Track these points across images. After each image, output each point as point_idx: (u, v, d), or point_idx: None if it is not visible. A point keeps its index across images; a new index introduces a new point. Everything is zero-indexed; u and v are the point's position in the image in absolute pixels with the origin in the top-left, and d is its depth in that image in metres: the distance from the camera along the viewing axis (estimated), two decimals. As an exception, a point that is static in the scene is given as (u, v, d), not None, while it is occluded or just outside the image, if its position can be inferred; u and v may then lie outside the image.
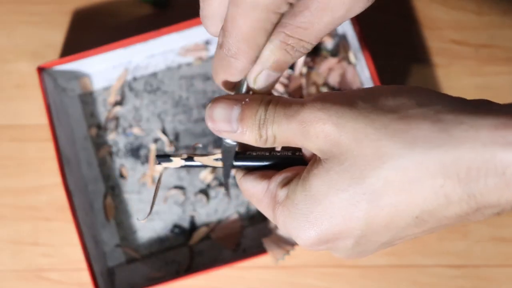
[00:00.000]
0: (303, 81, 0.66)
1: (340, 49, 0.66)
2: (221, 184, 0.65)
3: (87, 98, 0.66)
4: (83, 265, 0.62)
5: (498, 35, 0.67)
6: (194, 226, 0.65)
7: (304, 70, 0.66)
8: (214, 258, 0.64)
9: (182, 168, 0.37)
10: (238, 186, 0.37)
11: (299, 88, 0.66)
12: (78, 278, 0.64)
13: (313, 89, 0.66)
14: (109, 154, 0.66)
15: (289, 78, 0.66)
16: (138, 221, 0.64)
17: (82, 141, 0.66)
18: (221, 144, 0.36)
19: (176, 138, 0.66)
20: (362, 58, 0.62)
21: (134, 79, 0.67)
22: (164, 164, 0.37)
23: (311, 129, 0.32)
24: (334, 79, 0.66)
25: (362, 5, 0.32)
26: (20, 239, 0.65)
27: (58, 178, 0.62)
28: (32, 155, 0.66)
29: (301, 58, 0.65)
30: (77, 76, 0.66)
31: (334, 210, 0.31)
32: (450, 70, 0.67)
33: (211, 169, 0.64)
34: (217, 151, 0.37)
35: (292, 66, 0.66)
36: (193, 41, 0.66)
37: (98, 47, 0.62)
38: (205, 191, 0.65)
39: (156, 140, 0.66)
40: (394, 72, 0.66)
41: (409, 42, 0.67)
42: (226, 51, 0.33)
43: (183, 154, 0.37)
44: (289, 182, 0.34)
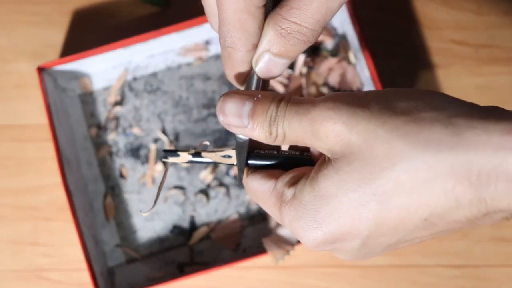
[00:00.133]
0: (303, 81, 0.66)
1: (340, 49, 0.66)
2: (221, 184, 0.65)
3: (87, 98, 0.66)
4: (83, 265, 0.62)
5: (498, 35, 0.67)
6: (194, 226, 0.65)
7: (304, 70, 0.66)
8: (214, 258, 0.64)
9: (189, 163, 0.37)
10: (243, 184, 0.37)
11: (299, 88, 0.66)
12: (78, 278, 0.64)
13: (313, 89, 0.66)
14: (109, 154, 0.66)
15: (289, 78, 0.66)
16: (142, 213, 0.64)
17: (82, 141, 0.66)
18: (221, 143, 0.36)
19: (176, 138, 0.66)
20: (362, 58, 0.62)
21: (134, 79, 0.67)
22: (171, 159, 0.37)
23: (321, 128, 0.31)
24: (334, 79, 0.66)
25: None
26: (20, 239, 0.65)
27: (58, 178, 0.62)
28: (32, 155, 0.66)
29: (301, 58, 0.65)
30: (77, 76, 0.66)
31: (343, 210, 0.31)
32: (450, 70, 0.67)
33: (211, 169, 0.64)
34: (224, 148, 0.37)
35: (292, 66, 0.66)
36: (193, 41, 0.66)
37: (98, 47, 0.62)
38: (205, 191, 0.65)
39: (156, 140, 0.66)
40: (394, 72, 0.66)
41: (409, 42, 0.67)
42: (223, 42, 0.33)
43: (191, 150, 0.37)
44: (296, 182, 0.33)
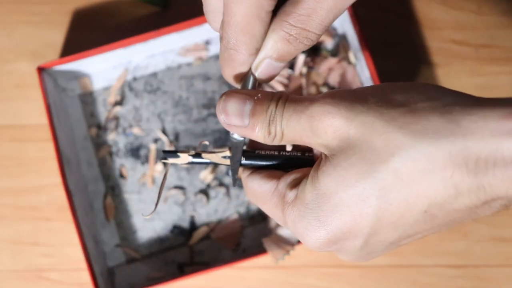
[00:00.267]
0: (303, 81, 0.66)
1: (340, 49, 0.66)
2: (221, 184, 0.65)
3: (87, 98, 0.66)
4: (83, 265, 0.62)
5: (498, 35, 0.67)
6: (194, 226, 0.65)
7: (304, 70, 0.66)
8: (214, 258, 0.64)
9: (189, 164, 0.37)
10: (243, 184, 0.37)
11: (299, 88, 0.66)
12: (78, 278, 0.64)
13: (313, 89, 0.65)
14: (109, 154, 0.66)
15: (289, 78, 0.66)
16: (143, 216, 0.64)
17: (82, 141, 0.66)
18: (221, 144, 0.36)
19: (176, 138, 0.66)
20: (362, 58, 0.62)
21: (134, 79, 0.67)
22: (171, 160, 0.36)
23: (320, 123, 0.31)
24: (334, 79, 0.66)
25: None
26: (20, 239, 0.65)
27: (58, 178, 0.62)
28: (32, 155, 0.66)
29: (301, 58, 0.65)
30: (77, 76, 0.66)
31: (344, 207, 0.31)
32: (450, 70, 0.67)
33: (211, 169, 0.64)
34: (225, 149, 0.37)
35: (292, 66, 0.66)
36: (193, 41, 0.66)
37: (98, 47, 0.62)
38: (205, 191, 0.65)
39: (156, 140, 0.66)
40: (394, 72, 0.66)
41: (409, 42, 0.67)
42: (226, 43, 0.33)
43: (191, 151, 0.37)
44: (298, 184, 0.33)
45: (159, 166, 0.66)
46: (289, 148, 0.37)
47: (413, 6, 0.68)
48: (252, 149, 0.36)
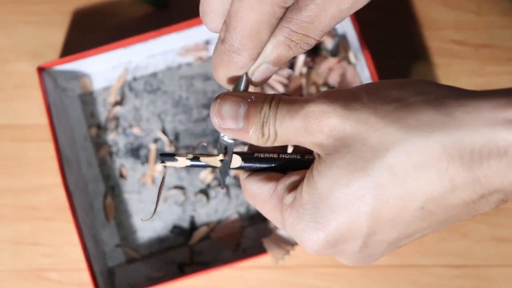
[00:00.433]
0: (303, 81, 0.66)
1: (340, 49, 0.66)
2: (220, 184, 0.65)
3: (87, 98, 0.66)
4: (83, 265, 0.62)
5: (498, 35, 0.67)
6: (194, 226, 0.65)
7: (304, 70, 0.66)
8: (214, 258, 0.64)
9: (187, 167, 0.36)
10: (242, 186, 0.37)
11: (299, 88, 0.66)
12: (78, 278, 0.64)
13: (313, 89, 0.65)
14: (109, 154, 0.66)
15: (289, 78, 0.66)
16: (143, 221, 0.64)
17: (82, 141, 0.66)
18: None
19: (176, 138, 0.66)
20: (362, 58, 0.62)
21: (134, 79, 0.67)
22: (168, 163, 0.36)
23: (316, 123, 0.31)
24: (334, 79, 0.66)
25: None
26: (20, 239, 0.65)
27: (58, 178, 0.62)
28: (32, 155, 0.66)
29: (301, 58, 0.65)
30: (77, 76, 0.66)
31: (340, 206, 0.31)
32: (450, 70, 0.67)
33: (211, 169, 0.64)
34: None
35: (292, 66, 0.66)
36: (193, 41, 0.66)
37: (98, 47, 0.62)
38: (205, 191, 0.65)
39: (156, 140, 0.66)
40: (394, 72, 0.66)
41: (409, 42, 0.67)
42: (229, 47, 0.32)
43: (189, 154, 0.36)
44: (297, 186, 0.33)
45: (159, 166, 0.66)
46: (290, 150, 0.37)
47: (413, 6, 0.68)
48: (252, 151, 0.36)
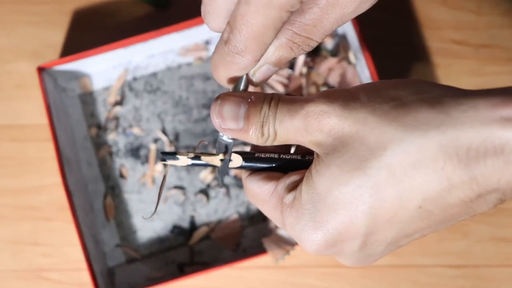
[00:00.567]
0: (303, 81, 0.66)
1: (340, 49, 0.66)
2: (219, 183, 0.65)
3: (87, 98, 0.66)
4: (83, 265, 0.62)
5: (498, 35, 0.67)
6: (194, 226, 0.65)
7: (304, 70, 0.66)
8: (214, 258, 0.64)
9: (188, 166, 0.37)
10: (243, 185, 0.37)
11: (299, 88, 0.66)
12: (78, 278, 0.64)
13: (313, 89, 0.66)
14: (109, 154, 0.66)
15: (289, 78, 0.66)
16: (144, 219, 0.64)
17: (82, 141, 0.66)
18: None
19: (176, 138, 0.66)
20: (362, 58, 0.62)
21: (134, 79, 0.67)
22: (169, 161, 0.36)
23: (315, 122, 0.32)
24: (334, 79, 0.66)
25: (372, 0, 0.32)
26: (20, 239, 0.65)
27: (58, 178, 0.62)
28: (32, 155, 0.66)
29: (301, 58, 0.65)
30: (77, 76, 0.66)
31: (338, 206, 0.31)
32: (450, 70, 0.67)
33: (211, 169, 0.64)
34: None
35: (292, 66, 0.66)
36: (193, 41, 0.66)
37: (98, 47, 0.62)
38: (205, 191, 0.65)
39: (156, 140, 0.66)
40: (394, 72, 0.66)
41: (409, 42, 0.67)
42: (232, 48, 0.32)
43: (190, 153, 0.36)
44: (297, 186, 0.33)
45: (159, 166, 0.66)
46: (292, 150, 0.37)
47: (413, 6, 0.68)
48: (254, 151, 0.36)
